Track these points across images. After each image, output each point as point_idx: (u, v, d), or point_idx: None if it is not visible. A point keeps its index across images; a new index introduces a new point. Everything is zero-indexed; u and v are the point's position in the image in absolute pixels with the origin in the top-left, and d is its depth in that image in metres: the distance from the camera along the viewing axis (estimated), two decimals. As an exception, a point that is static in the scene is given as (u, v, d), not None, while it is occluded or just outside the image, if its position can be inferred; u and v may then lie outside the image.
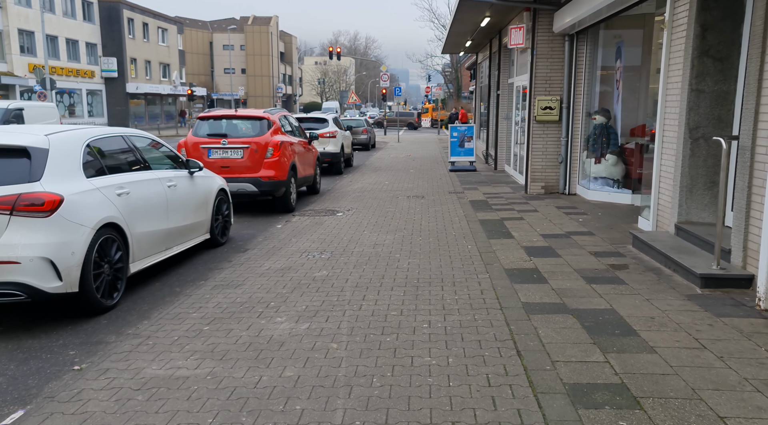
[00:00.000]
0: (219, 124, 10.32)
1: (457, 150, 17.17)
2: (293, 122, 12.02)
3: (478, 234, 7.97)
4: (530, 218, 9.08)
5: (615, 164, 10.46)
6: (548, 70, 11.42)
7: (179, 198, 6.42)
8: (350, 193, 12.60)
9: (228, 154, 9.91)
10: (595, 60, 10.93)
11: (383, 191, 12.71)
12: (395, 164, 19.28)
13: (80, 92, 45.60)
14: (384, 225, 8.72)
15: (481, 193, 12.12)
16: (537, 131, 11.62)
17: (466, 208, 10.28)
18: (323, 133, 16.69)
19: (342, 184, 14.39)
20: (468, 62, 40.37)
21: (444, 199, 11.42)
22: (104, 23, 47.98)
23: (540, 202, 10.72)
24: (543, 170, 11.69)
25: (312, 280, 5.80)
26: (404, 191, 12.64)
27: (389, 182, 14.43)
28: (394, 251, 7.03)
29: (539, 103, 11.40)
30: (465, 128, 17.28)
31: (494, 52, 18.24)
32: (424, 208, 10.36)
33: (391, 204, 10.85)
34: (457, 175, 15.90)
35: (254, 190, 9.88)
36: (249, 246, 7.64)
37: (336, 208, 10.47)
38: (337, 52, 44.89)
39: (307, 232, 8.34)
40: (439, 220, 9.09)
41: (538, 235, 7.76)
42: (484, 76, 22.19)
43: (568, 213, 9.38)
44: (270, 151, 9.98)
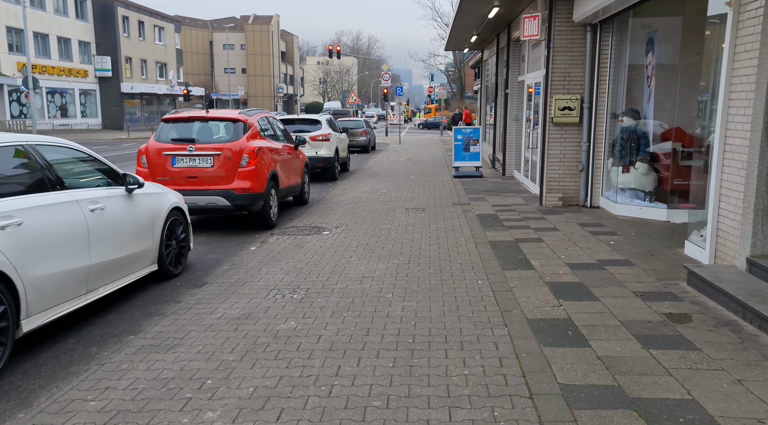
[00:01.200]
0: (186, 127, 8.91)
1: (461, 154, 15.73)
2: (276, 125, 10.61)
3: (489, 262, 6.53)
4: (550, 239, 7.64)
5: (646, 173, 9.01)
6: (567, 65, 9.98)
7: (109, 224, 5.00)
8: (342, 204, 11.17)
9: (196, 163, 8.50)
10: (622, 53, 9.48)
11: (379, 202, 11.28)
12: (395, 169, 17.86)
13: (73, 92, 44.29)
14: (376, 249, 7.30)
15: (489, 205, 10.68)
16: (554, 135, 10.18)
17: (473, 224, 8.85)
18: (315, 136, 15.28)
19: (335, 192, 12.96)
20: (472, 60, 38.95)
21: (447, 212, 9.99)
22: (98, 21, 46.69)
23: (558, 217, 9.28)
24: (560, 179, 10.25)
25: (273, 337, 4.37)
26: (403, 202, 11.21)
27: (387, 190, 13.00)
28: (385, 288, 5.60)
29: (556, 102, 9.97)
30: (470, 130, 15.84)
31: (502, 48, 16.81)
32: (424, 224, 8.93)
33: (386, 219, 9.43)
34: (462, 181, 14.47)
35: (226, 205, 8.47)
36: (209, 278, 6.23)
37: (323, 225, 9.05)
38: (337, 51, 43.51)
39: (283, 258, 6.92)
40: (441, 241, 7.67)
41: (564, 265, 6.32)
42: (490, 74, 20.75)
43: (595, 233, 7.93)
44: (245, 158, 8.56)
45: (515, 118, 15.24)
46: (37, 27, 39.97)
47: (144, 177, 8.55)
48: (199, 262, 7.08)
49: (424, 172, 16.91)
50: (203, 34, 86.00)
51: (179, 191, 8.35)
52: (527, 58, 13.66)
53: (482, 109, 23.31)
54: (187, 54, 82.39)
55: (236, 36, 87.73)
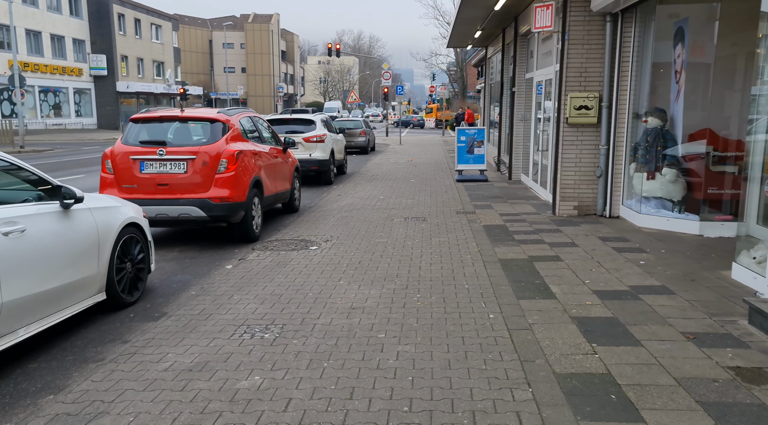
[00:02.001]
0: (157, 128, 7.92)
1: (465, 157, 14.74)
2: (262, 125, 9.62)
3: (501, 288, 5.55)
4: (570, 257, 6.65)
5: (674, 180, 8.02)
6: (584, 59, 8.99)
7: (31, 249, 4.02)
8: (335, 212, 10.19)
9: (167, 168, 7.52)
10: (647, 46, 8.50)
11: (376, 210, 10.30)
12: (394, 171, 16.87)
13: (67, 91, 43.38)
14: (370, 269, 6.31)
15: (496, 214, 9.69)
16: (569, 136, 9.19)
17: (480, 237, 7.86)
18: (309, 137, 14.30)
19: (328, 198, 11.98)
20: (475, 58, 37.97)
21: (451, 222, 9.00)
22: (93, 19, 45.76)
23: (575, 229, 8.29)
24: (576, 186, 9.26)
25: (228, 402, 3.39)
26: (402, 209, 10.22)
27: (385, 196, 12.02)
28: (377, 325, 4.62)
29: (572, 101, 8.98)
30: (474, 131, 14.84)
31: (508, 44, 15.82)
32: (425, 237, 7.95)
33: (383, 230, 8.45)
34: (466, 186, 13.47)
35: (201, 216, 7.49)
36: (169, 307, 5.25)
37: (312, 237, 8.07)
38: (336, 49, 42.51)
39: (261, 281, 5.94)
40: (445, 259, 6.68)
41: (590, 293, 5.34)
42: (494, 72, 19.76)
43: (620, 250, 6.94)
44: (223, 163, 7.58)
45: (522, 118, 14.25)
46: (30, 24, 39.06)
47: (109, 185, 7.60)
48: (164, 285, 6.10)
49: (426, 175, 15.93)
50: (202, 33, 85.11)
51: (148, 200, 7.42)
52: (536, 54, 12.67)
53: (486, 108, 22.32)
54: (187, 53, 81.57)
55: (236, 35, 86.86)
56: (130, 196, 7.49)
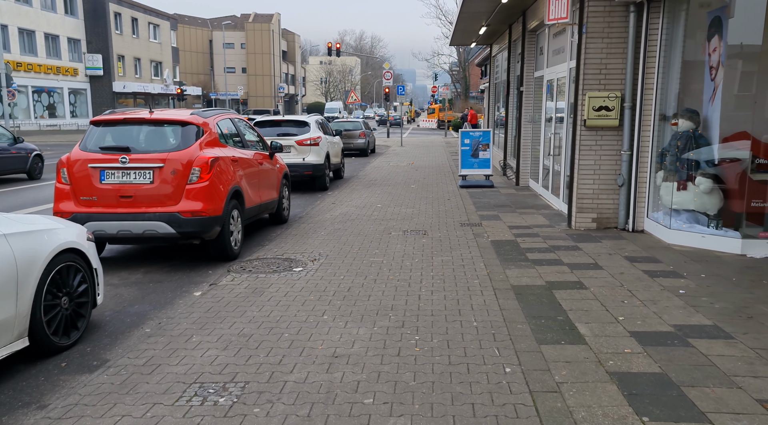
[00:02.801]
0: (121, 131, 6.96)
1: (469, 161, 13.77)
2: (245, 128, 8.66)
3: (516, 327, 4.59)
4: (595, 284, 5.69)
5: (709, 191, 7.05)
6: (603, 54, 8.03)
7: None
8: (328, 223, 9.23)
9: (131, 178, 6.57)
10: (676, 38, 7.53)
11: (372, 221, 9.34)
12: (394, 176, 15.91)
13: (61, 91, 42.51)
14: (360, 299, 5.36)
15: (505, 227, 8.72)
16: (587, 140, 8.22)
17: (488, 256, 6.90)
18: (303, 140, 13.34)
19: (322, 207, 11.02)
20: (479, 57, 36.99)
21: (455, 236, 8.04)
22: (89, 18, 44.90)
23: (596, 246, 7.32)
24: (595, 196, 8.29)
25: None
26: (401, 220, 9.26)
27: (383, 204, 11.06)
28: (364, 383, 3.66)
29: (590, 101, 8.01)
30: (479, 134, 13.88)
31: (515, 40, 14.85)
32: (426, 256, 6.99)
33: (378, 247, 7.49)
34: (470, 193, 12.51)
35: (170, 232, 6.54)
36: (111, 353, 4.30)
37: (298, 255, 7.12)
38: (336, 48, 41.58)
39: (230, 315, 4.99)
40: (448, 285, 5.72)
41: (627, 334, 4.37)
42: (500, 71, 18.80)
43: (653, 274, 5.97)
44: (196, 172, 6.63)
45: (531, 119, 13.29)
46: (23, 23, 38.21)
47: (65, 197, 6.65)
48: (115, 319, 5.15)
49: (427, 180, 14.96)
50: (202, 33, 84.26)
51: (109, 215, 6.48)
52: (547, 50, 11.70)
53: (490, 109, 21.34)
54: (186, 53, 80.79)
55: (236, 35, 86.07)
56: (88, 209, 6.55)
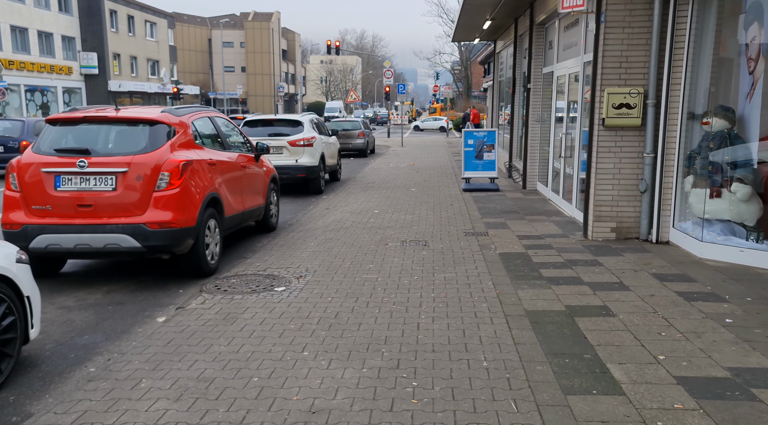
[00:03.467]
0: (81, 131, 6.14)
1: (473, 163, 12.96)
2: (225, 127, 7.85)
3: (536, 368, 3.77)
4: (623, 309, 4.88)
5: (747, 198, 6.23)
6: (624, 46, 7.21)
7: None
8: (319, 232, 8.43)
9: (90, 184, 5.77)
10: (707, 26, 6.72)
11: (368, 229, 8.53)
12: (393, 178, 15.10)
13: (55, 90, 41.67)
14: (349, 329, 4.55)
15: (514, 236, 7.91)
16: (605, 142, 7.40)
17: (497, 272, 6.09)
18: (295, 141, 12.53)
19: (314, 212, 10.21)
20: (482, 55, 36.16)
21: (458, 248, 7.22)
22: (83, 15, 44.04)
23: (618, 260, 6.50)
24: (614, 203, 7.47)
25: None
26: (399, 229, 8.46)
27: (381, 210, 10.25)
28: (346, 455, 2.86)
29: (609, 98, 7.19)
30: (484, 134, 13.06)
31: (521, 35, 14.04)
32: (426, 272, 6.18)
33: (373, 260, 6.68)
34: (474, 197, 11.69)
35: (135, 246, 5.74)
36: (37, 405, 3.49)
37: (282, 271, 6.31)
38: (336, 46, 40.79)
39: (192, 350, 4.18)
40: (452, 311, 4.92)
41: (673, 381, 3.56)
42: (504, 68, 17.99)
43: (689, 297, 5.16)
44: (164, 177, 5.82)
45: (539, 118, 12.47)
46: (15, 20, 37.38)
47: (14, 205, 5.85)
48: (57, 354, 4.34)
49: (428, 182, 14.15)
50: (201, 32, 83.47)
51: (65, 226, 5.69)
52: (557, 44, 10.89)
53: (494, 108, 20.53)
54: (186, 52, 79.97)
55: (236, 33, 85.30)
56: (41, 220, 5.75)
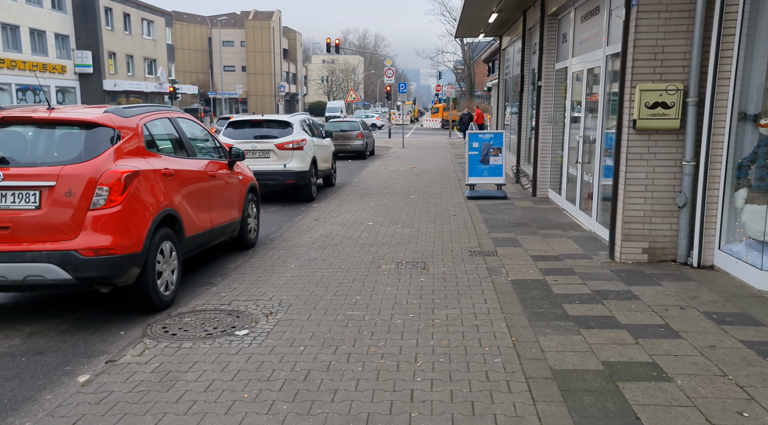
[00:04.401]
0: (0, 135, 5.05)
1: (478, 168, 11.83)
2: (192, 130, 6.74)
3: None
4: (680, 370, 3.75)
5: (816, 219, 5.11)
6: (661, 33, 6.09)
7: None
8: (303, 250, 7.32)
9: (7, 201, 4.66)
10: (763, 10, 5.59)
11: (360, 246, 7.42)
12: (392, 183, 13.99)
13: (48, 89, 40.64)
14: (320, 400, 3.44)
15: (527, 257, 6.78)
16: (637, 147, 6.28)
17: (511, 308, 4.97)
18: (284, 144, 11.42)
19: (302, 225, 9.11)
20: (486, 53, 35.04)
21: (463, 274, 6.10)
22: (77, 13, 43.02)
23: (657, 291, 5.37)
24: (646, 219, 6.35)
25: None
26: (395, 246, 7.34)
27: (375, 221, 9.14)
28: None
29: (642, 96, 6.07)
30: (490, 136, 11.92)
31: (531, 29, 12.92)
32: (424, 309, 5.05)
33: (362, 291, 5.56)
34: (480, 206, 10.57)
35: (63, 278, 4.63)
36: None
37: (250, 305, 5.20)
38: (336, 44, 39.69)
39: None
40: (457, 373, 3.79)
41: None
42: (511, 65, 16.86)
43: (762, 350, 4.03)
44: (103, 192, 4.72)
45: (550, 119, 11.34)
46: (6, 17, 36.36)
47: None
48: (-75, 439, 3.25)
49: (430, 188, 13.03)
50: (201, 31, 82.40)
51: (-23, 254, 4.57)
52: (572, 37, 9.76)
53: (500, 108, 19.39)
54: (185, 51, 78.99)
55: (236, 32, 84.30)
56: (-52, 246, 4.64)
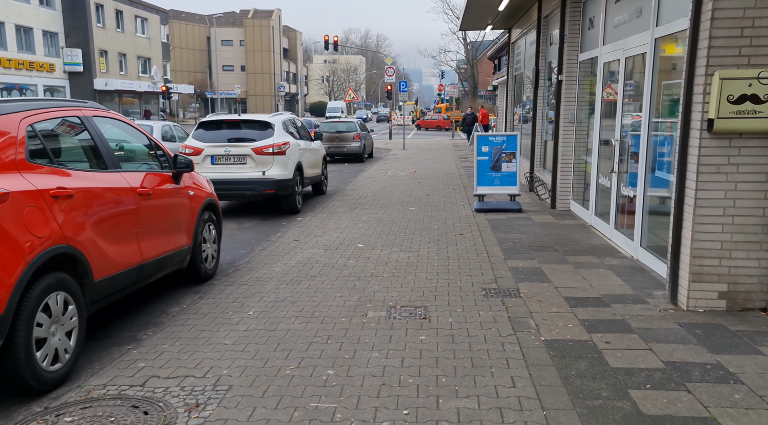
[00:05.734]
0: None
1: (488, 175, 10.20)
2: (117, 131, 5.11)
3: None
4: None
5: None
6: (750, 1, 4.45)
7: None
8: (270, 285, 5.70)
9: None
10: None
11: (342, 280, 5.80)
12: (390, 191, 12.37)
13: (35, 88, 39.08)
14: None
15: (561, 300, 5.15)
16: (712, 156, 4.64)
17: (554, 400, 3.33)
18: (263, 147, 9.80)
19: (277, 247, 7.50)
20: (491, 50, 33.44)
21: (478, 329, 4.47)
22: (66, 9, 41.48)
23: (758, 363, 3.75)
24: (725, 252, 4.71)
25: None
26: (388, 280, 5.72)
27: (367, 243, 7.53)
28: None
29: (724, 86, 4.43)
30: (502, 139, 10.28)
31: (548, 16, 11.29)
32: (424, 394, 3.42)
33: (336, 362, 3.93)
34: (491, 221, 8.95)
35: None
36: None
37: (173, 387, 3.58)
38: (334, 41, 38.07)
39: None
40: None
41: None
42: (522, 60, 15.21)
43: None
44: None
45: (573, 119, 9.70)
46: (-10, 13, 34.87)
47: None
48: None
49: (432, 197, 11.41)
50: (200, 30, 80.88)
51: None
52: (603, 21, 8.12)
53: (508, 106, 17.73)
54: (184, 50, 77.59)
55: (235, 31, 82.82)
56: None
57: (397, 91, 32.38)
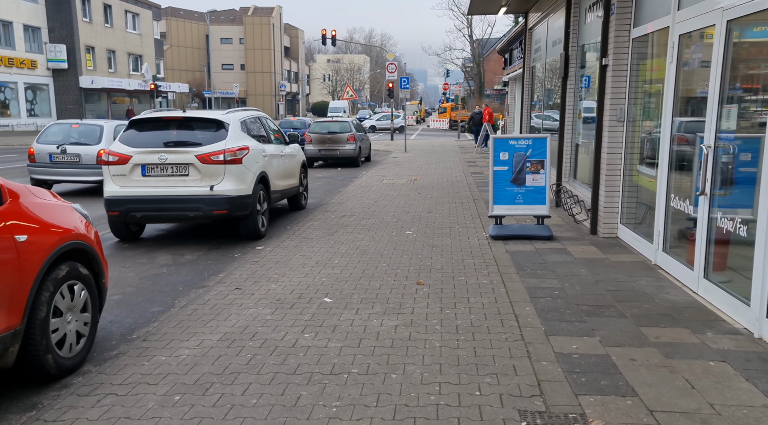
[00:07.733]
0: None
1: (507, 191, 7.74)
2: None
3: None
4: None
5: None
6: None
7: None
8: (155, 395, 3.28)
9: None
10: None
11: (280, 385, 3.37)
12: (384, 205, 9.95)
13: (15, 86, 36.87)
14: None
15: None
16: None
17: None
18: (209, 154, 7.37)
19: (204, 304, 5.07)
20: (502, 43, 31.00)
21: None
22: (50, 3, 39.21)
23: None
24: None
25: None
26: (353, 386, 3.29)
27: (337, 295, 5.10)
28: None
29: None
30: (526, 143, 7.78)
31: (582, -15, 8.85)
32: None
33: None
34: (513, 255, 6.51)
35: None
36: None
37: None
38: (332, 36, 35.73)
39: None
40: None
41: None
42: (542, 48, 12.74)
43: None
44: None
45: (622, 116, 7.25)
46: (-36, 6, 32.63)
47: None
48: None
49: (435, 215, 8.98)
50: (198, 27, 78.66)
51: None
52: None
53: (524, 103, 15.23)
54: (181, 48, 75.48)
55: (234, 29, 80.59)
56: None
57: (399, 88, 29.96)
